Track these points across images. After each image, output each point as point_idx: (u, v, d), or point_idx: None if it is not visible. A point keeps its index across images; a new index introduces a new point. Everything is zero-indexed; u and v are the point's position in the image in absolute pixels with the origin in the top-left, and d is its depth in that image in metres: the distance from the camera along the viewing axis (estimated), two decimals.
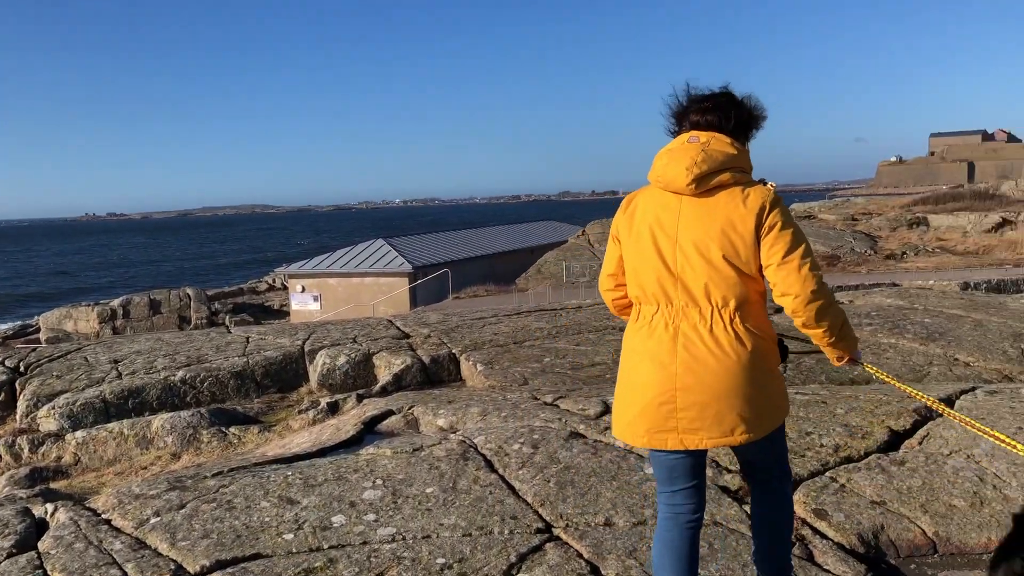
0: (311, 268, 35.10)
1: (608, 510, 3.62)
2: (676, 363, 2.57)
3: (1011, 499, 3.66)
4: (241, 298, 43.71)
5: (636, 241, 2.70)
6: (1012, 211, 41.27)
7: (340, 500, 3.79)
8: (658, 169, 2.68)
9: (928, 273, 20.21)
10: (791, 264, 2.53)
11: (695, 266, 2.58)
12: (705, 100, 2.72)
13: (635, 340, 2.70)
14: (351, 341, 8.14)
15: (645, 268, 2.66)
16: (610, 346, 7.78)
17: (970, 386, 5.29)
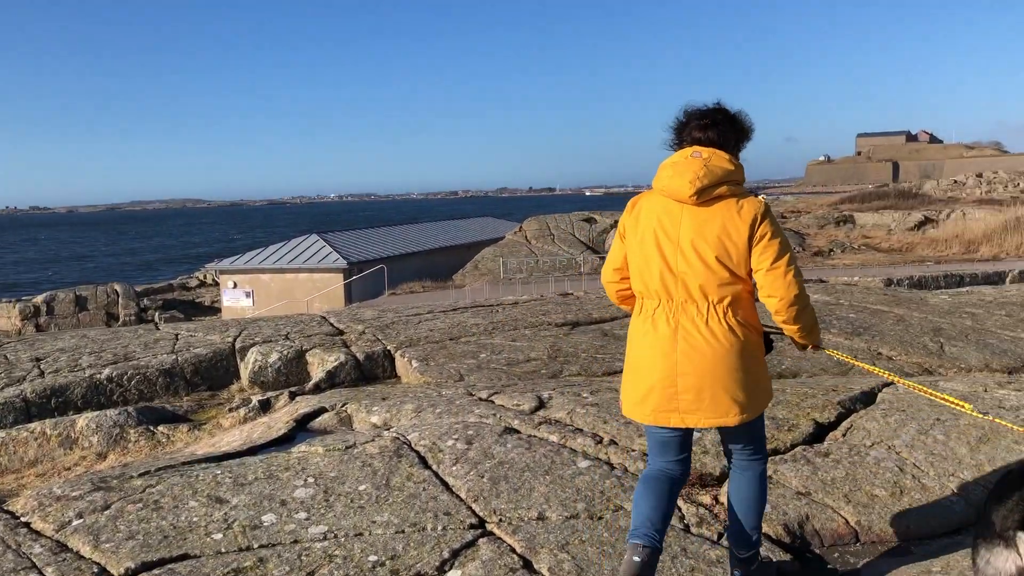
0: (243, 264, 34.51)
1: (541, 504, 3.64)
2: (676, 352, 2.91)
3: (928, 488, 3.79)
4: (171, 294, 42.74)
5: (640, 242, 3.01)
6: (933, 210, 42.68)
7: (271, 499, 3.74)
8: (663, 180, 2.98)
9: (854, 270, 20.77)
10: (778, 270, 2.87)
11: (694, 267, 2.89)
12: (705, 117, 3.03)
13: (639, 331, 3.05)
14: (283, 338, 8.03)
15: (648, 267, 2.97)
16: (545, 342, 7.83)
17: (892, 379, 5.45)
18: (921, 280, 16.22)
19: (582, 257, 32.08)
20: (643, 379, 2.98)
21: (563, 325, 8.65)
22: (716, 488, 3.84)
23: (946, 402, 3.46)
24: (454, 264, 36.03)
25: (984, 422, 4.32)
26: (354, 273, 32.61)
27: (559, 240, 35.77)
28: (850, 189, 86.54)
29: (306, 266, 33.30)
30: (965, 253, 27.19)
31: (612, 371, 6.89)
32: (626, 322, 8.98)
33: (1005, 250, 26.88)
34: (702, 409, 2.91)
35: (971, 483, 3.83)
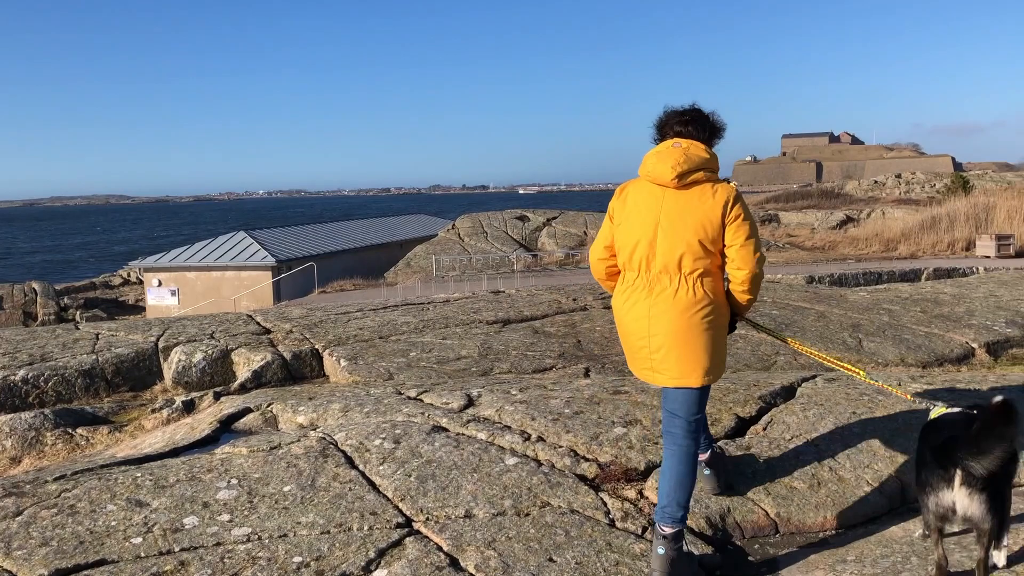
0: (168, 261, 33.70)
1: (469, 502, 3.65)
2: (649, 316, 3.32)
3: (845, 480, 3.91)
4: (93, 293, 41.53)
5: (626, 221, 3.42)
6: (855, 209, 43.94)
7: (193, 501, 3.67)
8: (648, 166, 3.39)
9: (778, 267, 21.25)
10: (748, 248, 3.28)
11: (672, 242, 3.29)
12: (684, 115, 3.48)
13: (621, 299, 3.45)
14: (208, 337, 7.88)
15: (632, 242, 3.38)
16: (476, 340, 7.83)
17: (812, 374, 5.61)
18: (841, 278, 16.68)
19: (515, 255, 32.15)
20: (628, 341, 3.45)
21: (494, 323, 8.67)
22: (641, 482, 3.90)
23: (841, 368, 3.93)
24: (386, 262, 35.75)
25: (899, 415, 4.47)
26: (283, 271, 32.12)
27: (492, 238, 35.78)
28: (775, 189, 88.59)
29: (233, 264, 32.66)
30: (884, 251, 28.05)
31: (542, 368, 6.94)
32: (557, 319, 9.02)
33: (922, 248, 27.81)
34: (667, 370, 3.32)
35: (885, 474, 3.96)
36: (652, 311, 3.30)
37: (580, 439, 4.25)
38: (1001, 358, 7.79)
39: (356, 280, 28.65)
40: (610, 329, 8.28)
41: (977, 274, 16.20)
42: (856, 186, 71.36)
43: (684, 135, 3.43)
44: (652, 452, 4.11)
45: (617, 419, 4.49)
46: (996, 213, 29.35)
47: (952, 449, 2.83)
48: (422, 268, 31.44)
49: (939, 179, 67.56)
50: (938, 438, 2.98)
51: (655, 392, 4.93)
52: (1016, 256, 24.76)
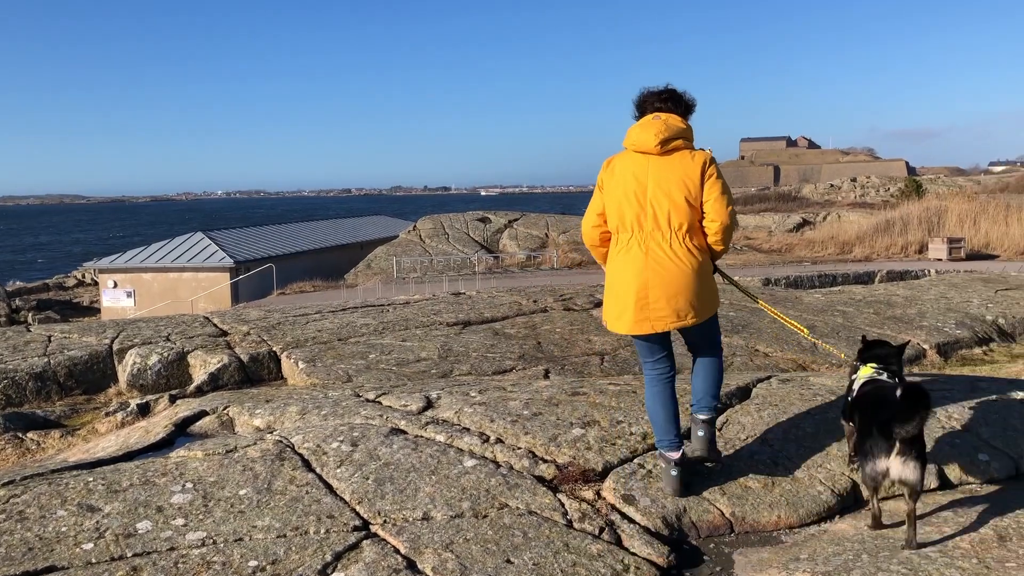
0: (124, 262, 33.17)
1: (426, 504, 3.64)
2: (647, 271, 3.68)
3: (799, 479, 3.96)
4: (46, 294, 40.73)
5: (616, 188, 3.80)
6: (811, 212, 44.58)
7: (146, 505, 3.62)
8: (633, 137, 3.81)
9: (736, 270, 21.49)
10: (722, 202, 3.71)
11: (660, 202, 3.70)
12: (661, 93, 3.92)
13: (618, 259, 3.80)
14: (164, 339, 7.78)
15: (623, 205, 3.76)
16: (436, 341, 7.82)
17: (767, 375, 5.68)
18: (797, 280, 16.92)
19: (477, 257, 32.14)
20: (621, 298, 3.76)
21: (455, 324, 8.66)
22: (599, 483, 3.92)
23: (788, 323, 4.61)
24: (346, 263, 35.54)
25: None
26: (241, 272, 31.78)
27: (454, 239, 35.75)
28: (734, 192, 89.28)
29: (191, 265, 32.25)
30: (839, 254, 28.51)
31: (502, 370, 6.95)
32: (517, 321, 9.02)
33: (876, 251, 28.32)
34: (667, 315, 3.69)
35: (838, 473, 4.02)
36: (650, 266, 3.68)
37: (538, 440, 4.26)
38: (951, 359, 7.96)
39: (316, 282, 28.46)
40: (569, 331, 8.32)
41: (929, 277, 16.54)
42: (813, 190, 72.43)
43: (663, 110, 3.86)
44: (609, 453, 4.13)
45: (575, 420, 4.51)
46: (948, 217, 29.99)
47: (889, 424, 3.27)
48: (383, 270, 31.32)
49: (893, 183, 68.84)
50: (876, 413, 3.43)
51: (613, 394, 4.97)
52: (967, 259, 25.31)
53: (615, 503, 3.75)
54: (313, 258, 37.17)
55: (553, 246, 33.63)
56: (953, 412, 4.62)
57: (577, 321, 8.79)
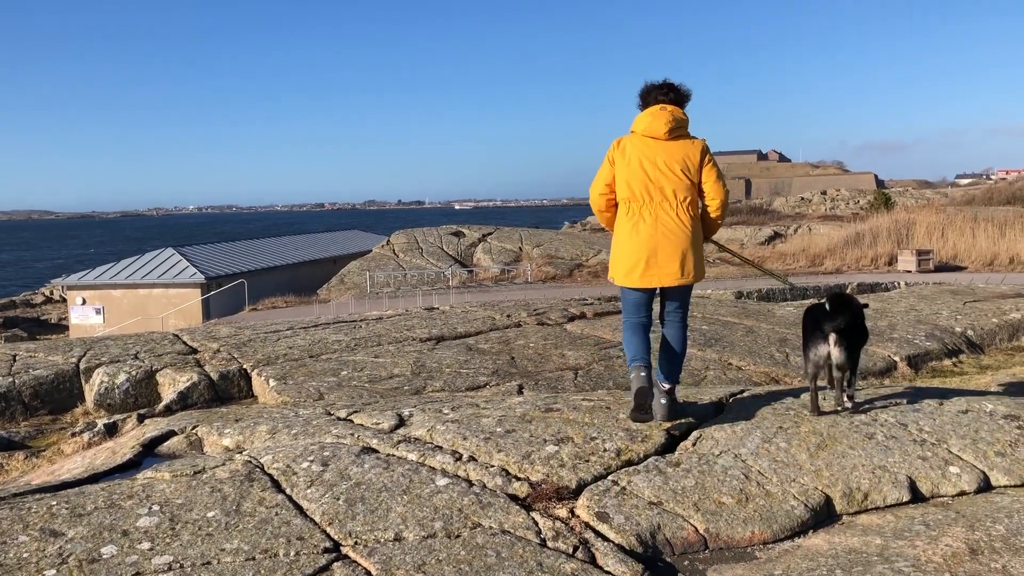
0: (93, 279, 32.77)
1: (398, 525, 3.59)
2: (656, 234, 4.46)
3: (772, 494, 3.96)
4: (13, 311, 40.13)
5: (628, 164, 4.54)
6: (783, 225, 44.98)
7: (111, 529, 3.54)
8: (643, 124, 4.58)
9: (708, 283, 21.60)
10: (718, 183, 4.59)
11: (667, 178, 4.48)
12: (663, 87, 4.65)
13: (627, 224, 4.55)
14: (132, 357, 7.67)
15: (635, 180, 4.51)
16: (409, 357, 7.77)
17: (740, 389, 5.69)
18: (769, 293, 17.01)
19: (450, 271, 32.08)
20: (633, 255, 4.50)
21: (428, 340, 8.62)
22: (573, 501, 3.89)
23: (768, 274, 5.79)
24: (319, 278, 35.34)
25: (822, 428, 4.56)
26: (212, 288, 31.50)
27: (427, 254, 35.67)
28: None
29: (161, 281, 31.93)
30: (811, 266, 28.74)
31: (475, 385, 6.91)
32: (491, 336, 8.99)
33: (846, 263, 28.58)
34: (671, 274, 4.47)
35: (811, 488, 4.03)
36: (660, 231, 4.46)
37: (512, 458, 4.23)
38: (921, 371, 8.03)
39: (288, 297, 28.24)
40: (543, 345, 8.30)
41: (899, 289, 16.70)
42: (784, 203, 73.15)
43: (665, 101, 4.59)
44: (583, 470, 4.11)
45: (549, 437, 4.48)
46: (916, 229, 30.35)
47: (825, 320, 4.56)
48: (356, 284, 31.17)
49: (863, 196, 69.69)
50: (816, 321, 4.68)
51: (587, 410, 4.95)
52: (935, 270, 25.62)
53: (589, 521, 3.72)
54: (286, 273, 36.94)
55: (527, 260, 33.67)
56: (924, 425, 4.65)
57: (551, 336, 8.77)
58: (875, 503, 3.97)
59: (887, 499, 3.99)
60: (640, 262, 4.47)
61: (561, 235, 41.73)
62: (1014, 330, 9.61)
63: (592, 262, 32.52)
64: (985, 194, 59.23)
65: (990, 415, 4.82)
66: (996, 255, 26.91)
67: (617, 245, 4.61)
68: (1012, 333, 9.55)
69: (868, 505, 3.96)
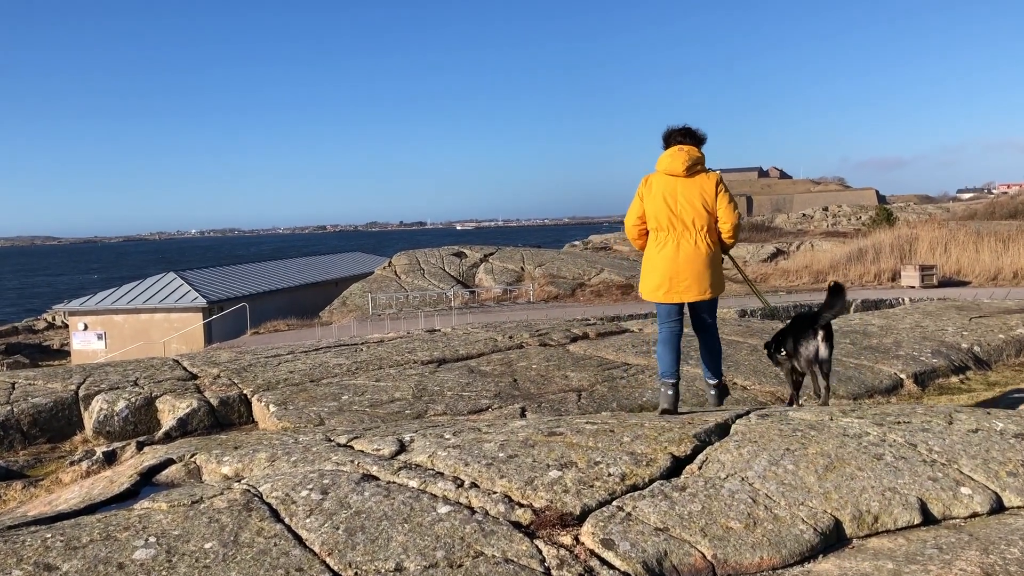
0: (95, 304, 32.75)
1: (399, 555, 3.52)
2: (679, 259, 5.30)
3: (780, 518, 3.88)
4: (16, 338, 40.11)
5: (654, 199, 5.37)
6: (785, 242, 44.94)
7: (107, 563, 3.47)
8: (665, 163, 5.40)
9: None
10: (729, 208, 5.37)
11: (687, 210, 5.29)
12: (681, 130, 5.48)
13: (655, 249, 5.41)
14: (132, 384, 7.61)
15: (660, 213, 5.34)
16: (411, 381, 7.71)
17: (745, 410, 5.61)
18: (772, 310, 16.93)
19: (452, 291, 32.03)
20: (659, 276, 5.37)
21: (429, 363, 8.56)
22: (577, 527, 3.81)
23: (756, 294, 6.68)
24: (321, 301, 35.30)
25: (830, 450, 4.49)
26: (214, 312, 31.47)
27: (429, 275, 35.64)
28: None
29: (163, 306, 31.90)
30: (814, 283, 28.67)
31: (477, 409, 6.84)
32: (493, 357, 8.92)
33: (850, 280, 28.52)
34: (692, 291, 5.33)
35: (819, 511, 3.95)
36: (681, 257, 5.29)
37: (514, 484, 4.16)
38: (928, 388, 7.95)
39: (291, 320, 28.20)
40: (546, 367, 8.23)
41: (903, 305, 16.62)
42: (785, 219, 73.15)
43: (684, 143, 5.41)
44: (587, 495, 4.03)
45: (552, 462, 4.41)
46: (919, 244, 30.31)
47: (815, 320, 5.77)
48: (358, 307, 31.12)
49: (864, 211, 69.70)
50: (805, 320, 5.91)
51: (590, 433, 4.89)
52: (939, 286, 25.54)
53: (594, 548, 3.64)
54: (287, 296, 36.91)
55: (529, 280, 33.62)
56: (933, 445, 4.57)
57: (553, 357, 8.71)
58: (886, 526, 3.89)
59: (898, 522, 3.91)
60: (665, 282, 5.35)
61: (563, 254, 41.71)
62: (1021, 346, 9.53)
63: (594, 281, 32.47)
64: (987, 208, 59.22)
65: (1000, 434, 4.75)
66: (1000, 270, 26.83)
67: (646, 266, 5.51)
68: (1019, 349, 9.46)
69: (879, 528, 3.88)
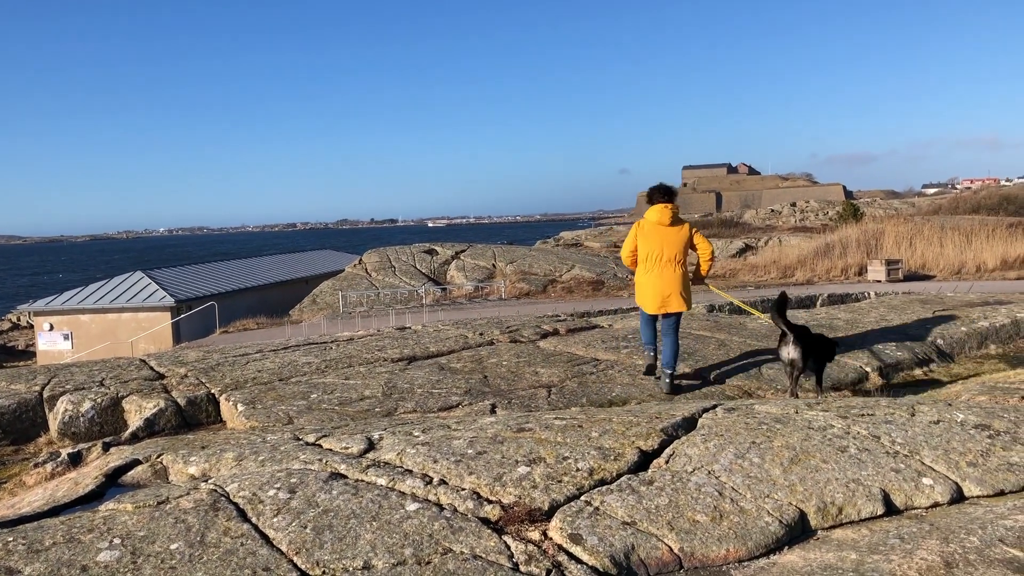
0: (61, 304, 32.30)
1: (367, 553, 3.51)
2: (662, 283, 7.31)
3: (746, 511, 3.92)
4: None
5: (646, 239, 7.41)
6: (753, 237, 45.29)
7: (70, 565, 3.43)
8: (653, 217, 7.44)
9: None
10: (704, 243, 7.53)
11: (670, 249, 7.33)
12: (660, 189, 7.51)
13: (643, 272, 7.46)
14: (98, 384, 7.52)
15: (651, 249, 7.36)
16: (380, 378, 7.68)
17: (713, 403, 5.66)
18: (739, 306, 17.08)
19: (424, 289, 31.95)
20: (649, 295, 7.38)
21: (399, 360, 8.54)
22: (546, 523, 3.83)
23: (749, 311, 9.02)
24: (291, 299, 35.04)
25: (795, 443, 4.54)
26: (182, 311, 31.15)
27: (400, 272, 35.50)
28: None
29: (130, 305, 31.52)
30: (782, 278, 28.92)
31: (448, 406, 6.84)
32: (463, 355, 8.88)
33: (817, 274, 28.80)
34: (672, 305, 7.30)
35: (785, 503, 3.99)
36: (662, 281, 7.35)
37: (483, 480, 4.17)
38: (893, 380, 8.05)
39: (260, 319, 27.96)
40: (516, 363, 8.25)
41: (869, 299, 16.81)
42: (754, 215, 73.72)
43: (663, 200, 7.47)
44: (556, 491, 4.05)
45: (521, 458, 4.42)
46: (885, 239, 30.67)
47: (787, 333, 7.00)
48: (328, 305, 30.94)
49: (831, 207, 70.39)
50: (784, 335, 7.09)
51: (559, 429, 4.91)
52: (904, 280, 25.87)
53: (562, 543, 3.65)
54: (257, 295, 36.62)
55: (501, 276, 33.61)
56: (896, 437, 4.64)
57: (524, 353, 8.72)
58: (850, 517, 3.95)
59: (861, 513, 3.96)
60: (656, 299, 7.37)
61: (535, 251, 41.73)
62: (983, 338, 9.68)
63: (565, 278, 32.53)
64: (951, 203, 60.07)
65: (961, 425, 4.83)
66: (963, 263, 27.24)
67: (639, 286, 7.60)
68: (981, 341, 9.62)
69: (843, 519, 3.93)
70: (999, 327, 9.97)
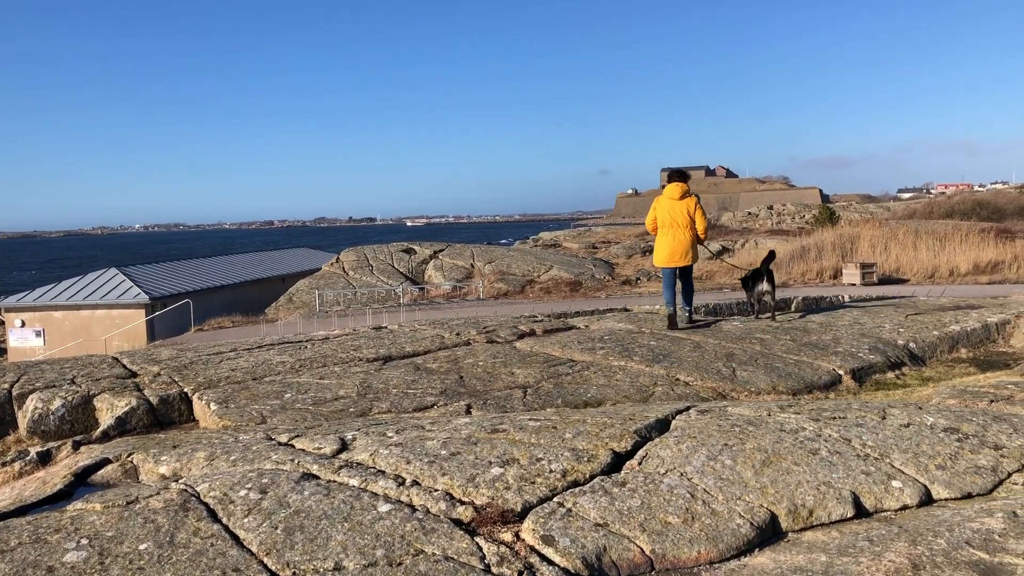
0: (33, 300, 31.94)
1: (338, 554, 3.50)
2: (674, 243, 10.13)
3: (718, 512, 3.94)
4: None
5: (662, 210, 10.18)
6: (730, 240, 45.53)
7: (36, 566, 3.39)
8: (668, 193, 10.18)
9: (658, 297, 21.72)
10: (701, 218, 10.18)
11: (678, 218, 10.09)
12: (676, 171, 10.42)
13: (661, 237, 10.23)
14: (69, 382, 7.44)
15: (665, 218, 10.15)
16: (355, 378, 7.65)
17: (686, 405, 5.68)
18: (716, 307, 17.15)
19: (402, 288, 31.86)
20: (663, 253, 10.16)
21: (375, 360, 8.50)
22: (518, 524, 3.83)
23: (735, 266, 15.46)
24: (267, 297, 34.84)
25: (767, 445, 4.57)
26: (157, 309, 30.89)
27: (378, 271, 35.38)
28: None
29: (104, 302, 31.21)
30: None
31: (423, 406, 6.82)
32: (439, 355, 8.85)
33: (793, 277, 28.99)
34: (685, 259, 10.12)
35: (756, 506, 4.02)
36: (675, 241, 10.04)
37: (456, 481, 4.16)
38: (865, 383, 8.12)
39: (236, 317, 27.77)
40: (492, 364, 8.24)
41: (843, 302, 16.94)
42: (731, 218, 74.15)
43: (677, 179, 10.17)
44: (529, 492, 4.05)
45: (494, 459, 4.42)
46: (860, 242, 30.94)
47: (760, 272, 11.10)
48: (305, 303, 30.78)
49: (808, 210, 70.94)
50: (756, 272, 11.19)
51: (533, 430, 4.91)
52: (879, 283, 26.11)
53: (534, 544, 3.66)
54: (232, 293, 36.38)
55: (479, 276, 33.58)
56: (867, 439, 4.68)
57: (500, 354, 8.72)
58: (820, 519, 3.98)
59: (832, 515, 3.99)
60: (667, 256, 10.09)
61: (513, 251, 41.73)
62: (954, 342, 9.78)
63: (543, 278, 32.56)
64: (925, 208, 60.70)
65: (931, 428, 4.88)
66: (936, 267, 27.52)
67: (657, 247, 10.20)
68: (952, 345, 9.72)
69: (813, 522, 3.96)
70: (970, 331, 10.09)
